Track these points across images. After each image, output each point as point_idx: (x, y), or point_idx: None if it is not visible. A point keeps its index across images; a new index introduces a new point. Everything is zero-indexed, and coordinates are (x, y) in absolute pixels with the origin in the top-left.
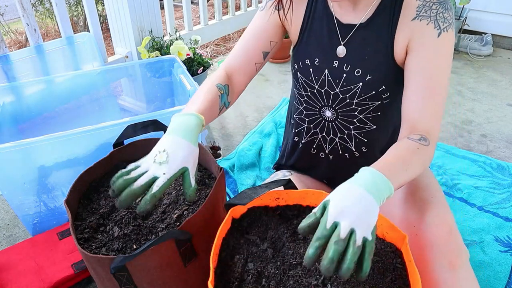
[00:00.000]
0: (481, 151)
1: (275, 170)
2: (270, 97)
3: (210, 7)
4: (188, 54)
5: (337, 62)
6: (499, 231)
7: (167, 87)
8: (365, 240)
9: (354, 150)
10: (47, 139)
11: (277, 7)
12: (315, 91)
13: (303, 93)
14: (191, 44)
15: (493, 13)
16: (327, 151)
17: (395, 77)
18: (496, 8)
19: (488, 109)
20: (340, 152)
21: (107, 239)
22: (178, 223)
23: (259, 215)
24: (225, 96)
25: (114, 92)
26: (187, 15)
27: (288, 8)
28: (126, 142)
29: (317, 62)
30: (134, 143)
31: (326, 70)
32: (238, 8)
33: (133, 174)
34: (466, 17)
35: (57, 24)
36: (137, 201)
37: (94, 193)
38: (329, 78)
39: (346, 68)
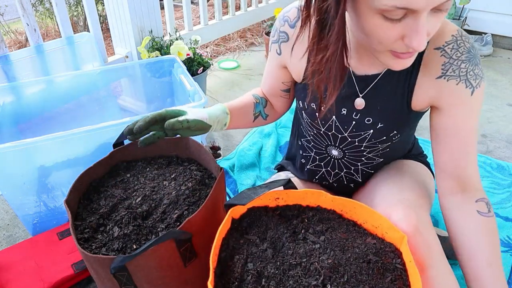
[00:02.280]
0: (481, 151)
1: (276, 171)
2: None
3: (210, 7)
4: (188, 54)
5: (346, 110)
6: (499, 231)
7: (167, 87)
8: None
9: (360, 180)
10: (47, 139)
11: (277, 51)
12: (321, 132)
13: (309, 129)
14: (191, 44)
15: (493, 13)
16: (331, 181)
17: (407, 121)
18: (496, 8)
19: (488, 109)
20: (345, 183)
21: (107, 239)
22: (178, 223)
23: (259, 215)
24: (261, 106)
25: (114, 92)
26: (187, 15)
27: (281, 51)
28: (126, 142)
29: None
30: (134, 143)
31: (334, 117)
32: (238, 8)
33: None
34: (466, 17)
35: (57, 24)
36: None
37: (94, 193)
38: (337, 124)
39: (356, 116)
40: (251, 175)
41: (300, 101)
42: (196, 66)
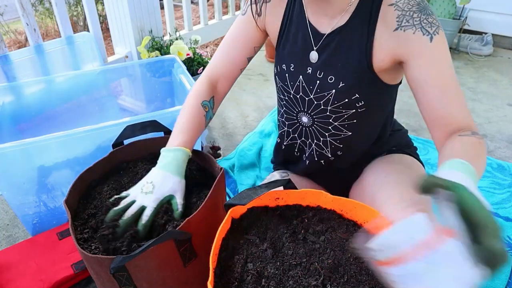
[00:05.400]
0: None
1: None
2: (270, 97)
3: (210, 7)
4: (188, 54)
5: (311, 68)
6: None
7: (167, 87)
8: None
9: (330, 156)
10: (47, 139)
11: (257, 12)
12: (291, 96)
13: (282, 97)
14: (191, 44)
15: (493, 13)
16: (303, 158)
17: (370, 86)
18: (497, 8)
19: (489, 109)
20: (316, 159)
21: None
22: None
23: (259, 215)
24: (210, 111)
25: (114, 92)
26: (187, 15)
27: (261, 12)
28: (127, 142)
29: (292, 68)
30: (134, 143)
31: (301, 76)
32: (238, 8)
33: (122, 204)
34: (466, 17)
35: (57, 24)
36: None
37: (94, 193)
38: (303, 84)
39: (320, 74)
40: (251, 175)
41: (275, 68)
42: (196, 66)
